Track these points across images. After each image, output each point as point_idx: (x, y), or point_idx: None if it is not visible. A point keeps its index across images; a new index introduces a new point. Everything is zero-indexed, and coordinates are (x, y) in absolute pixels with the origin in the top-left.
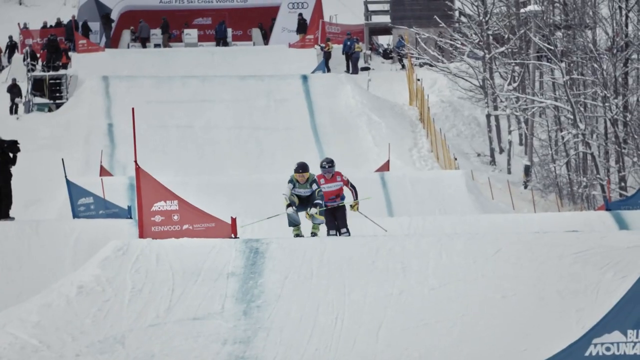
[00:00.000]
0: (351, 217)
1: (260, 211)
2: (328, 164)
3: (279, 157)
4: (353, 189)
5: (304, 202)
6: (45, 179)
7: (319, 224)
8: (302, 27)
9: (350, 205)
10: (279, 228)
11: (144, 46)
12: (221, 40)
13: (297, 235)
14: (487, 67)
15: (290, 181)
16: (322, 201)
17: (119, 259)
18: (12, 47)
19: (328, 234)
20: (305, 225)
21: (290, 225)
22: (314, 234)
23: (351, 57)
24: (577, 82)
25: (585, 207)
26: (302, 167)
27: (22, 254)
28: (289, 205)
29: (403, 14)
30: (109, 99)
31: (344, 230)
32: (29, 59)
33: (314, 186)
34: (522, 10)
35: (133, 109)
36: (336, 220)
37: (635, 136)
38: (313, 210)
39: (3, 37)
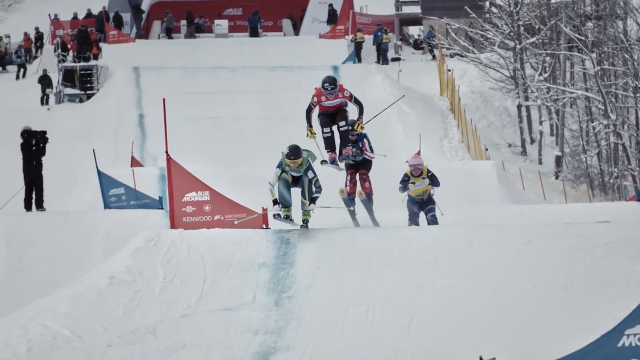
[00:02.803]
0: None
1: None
2: (330, 86)
3: (310, 147)
4: (357, 104)
5: (297, 181)
6: (76, 169)
7: (309, 210)
8: (333, 17)
9: (352, 127)
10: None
11: (169, 37)
12: (253, 30)
13: (287, 217)
14: (517, 57)
15: (279, 165)
16: (320, 194)
17: (150, 250)
18: (38, 38)
19: (323, 133)
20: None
21: (279, 204)
22: (305, 222)
23: (380, 47)
24: (608, 72)
25: (616, 198)
26: (293, 153)
27: (53, 244)
28: (275, 202)
29: (433, 5)
30: (140, 89)
31: (342, 123)
32: (59, 50)
33: (310, 174)
34: (552, 1)
35: (164, 99)
36: (335, 118)
37: None
38: (312, 207)
39: (33, 29)
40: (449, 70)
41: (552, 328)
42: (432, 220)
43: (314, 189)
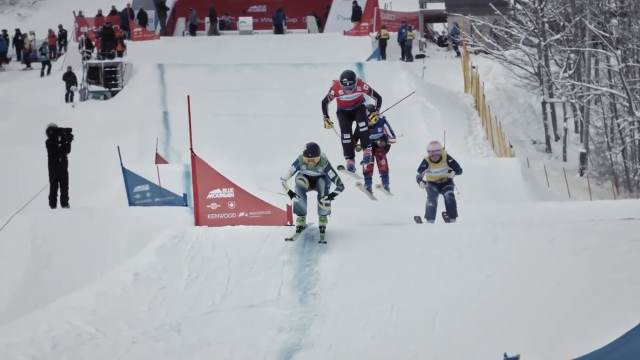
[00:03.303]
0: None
1: (315, 199)
2: (349, 81)
3: (332, 146)
4: (376, 97)
5: (313, 183)
6: (101, 166)
7: (326, 215)
8: (357, 14)
9: (367, 118)
10: (335, 216)
11: (193, 34)
12: (278, 27)
13: (301, 228)
14: (542, 54)
15: (295, 163)
16: (341, 191)
17: (175, 247)
18: (62, 35)
19: (342, 139)
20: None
21: (294, 212)
22: (322, 228)
23: (404, 44)
24: (632, 69)
25: None
26: (312, 150)
27: (77, 241)
28: (291, 195)
29: (458, 2)
30: (164, 86)
31: (362, 124)
32: (84, 47)
33: (331, 173)
34: None
35: (188, 96)
36: (354, 119)
37: None
38: (328, 202)
39: (57, 26)
40: (474, 67)
41: (576, 325)
42: (450, 199)
43: (335, 186)
